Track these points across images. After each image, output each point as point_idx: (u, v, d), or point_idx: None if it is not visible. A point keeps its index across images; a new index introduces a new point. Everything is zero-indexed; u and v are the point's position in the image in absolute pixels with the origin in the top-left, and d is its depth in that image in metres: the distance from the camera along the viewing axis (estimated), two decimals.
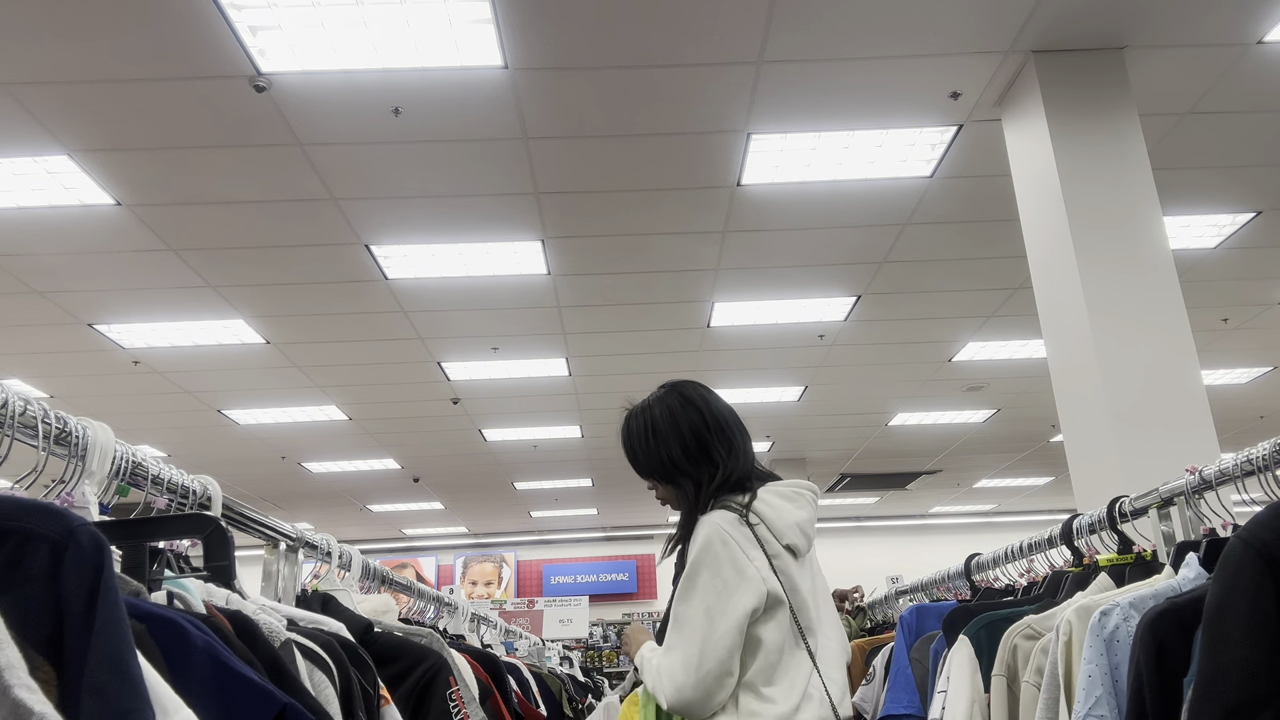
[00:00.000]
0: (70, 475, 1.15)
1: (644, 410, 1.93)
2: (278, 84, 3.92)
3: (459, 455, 10.22)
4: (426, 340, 6.95)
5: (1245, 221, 5.58)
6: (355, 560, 2.17)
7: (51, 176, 4.53)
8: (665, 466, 1.87)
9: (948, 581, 3.12)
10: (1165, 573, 1.65)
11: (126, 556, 1.12)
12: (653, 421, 1.89)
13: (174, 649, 0.90)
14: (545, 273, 5.89)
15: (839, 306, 6.62)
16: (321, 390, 7.94)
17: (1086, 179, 3.78)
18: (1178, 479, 1.79)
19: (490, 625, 3.85)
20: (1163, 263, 3.71)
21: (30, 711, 0.61)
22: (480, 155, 4.56)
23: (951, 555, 3.15)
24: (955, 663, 2.00)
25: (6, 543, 0.72)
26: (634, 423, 1.93)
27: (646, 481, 1.94)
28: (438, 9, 3.54)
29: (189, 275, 5.65)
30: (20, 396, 1.07)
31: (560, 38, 3.75)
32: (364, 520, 13.34)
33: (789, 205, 5.13)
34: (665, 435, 1.87)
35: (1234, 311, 7.03)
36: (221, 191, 4.76)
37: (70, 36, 3.60)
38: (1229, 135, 4.67)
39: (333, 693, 1.23)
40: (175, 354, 6.95)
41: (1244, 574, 1.14)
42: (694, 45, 3.84)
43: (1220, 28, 3.86)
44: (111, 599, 0.72)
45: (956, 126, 4.48)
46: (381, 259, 5.57)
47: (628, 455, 1.93)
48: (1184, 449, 3.31)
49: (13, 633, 0.65)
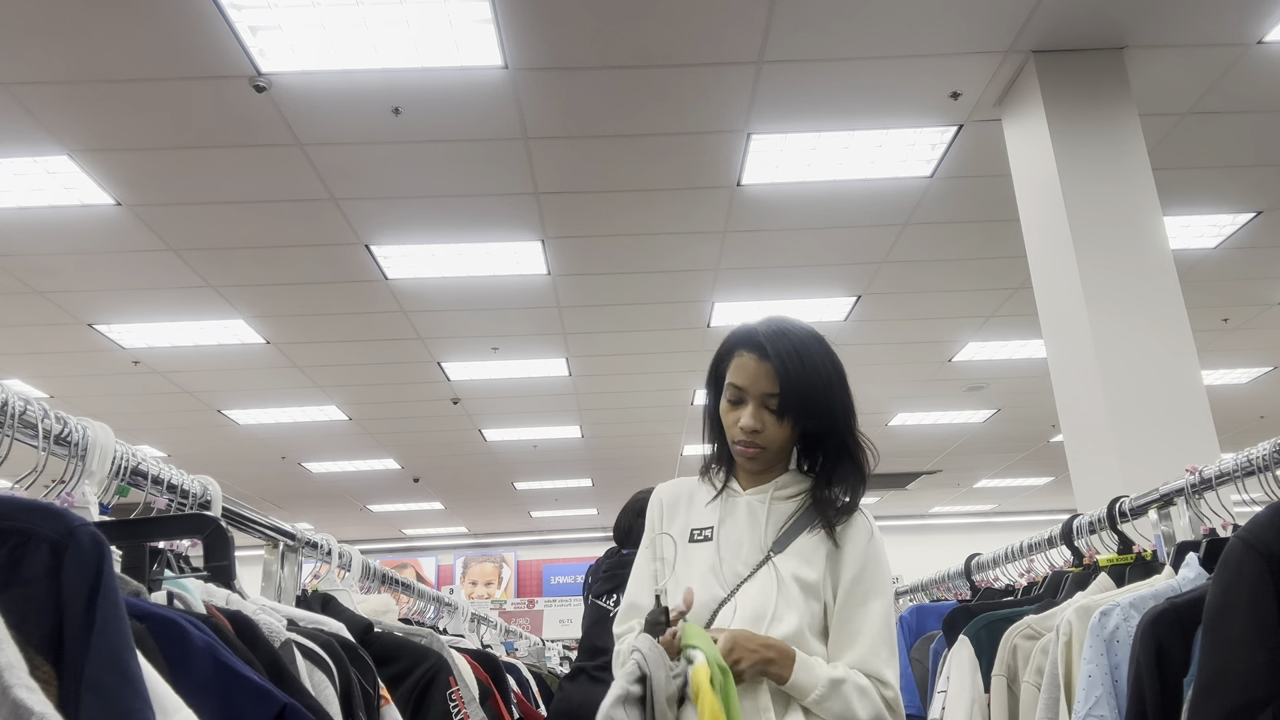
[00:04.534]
0: (70, 475, 1.15)
1: (822, 342, 1.63)
2: (278, 84, 3.92)
3: (459, 455, 10.22)
4: (426, 340, 6.95)
5: (1245, 221, 5.58)
6: (355, 560, 2.17)
7: (51, 176, 4.52)
8: (826, 412, 1.58)
9: (947, 581, 3.12)
10: (1165, 573, 1.65)
11: (126, 556, 1.12)
12: (835, 364, 1.62)
13: (174, 649, 0.90)
14: (545, 273, 5.88)
15: (839, 306, 6.62)
16: (321, 390, 7.94)
17: (1087, 179, 3.78)
18: (1178, 479, 1.79)
19: (490, 625, 3.85)
20: (1163, 263, 3.70)
21: (30, 711, 0.61)
22: (480, 155, 4.56)
23: (951, 555, 3.15)
24: (955, 663, 2.00)
25: (7, 543, 0.72)
26: (813, 344, 1.61)
27: (755, 411, 1.57)
28: (438, 9, 3.54)
29: (189, 275, 5.64)
30: (20, 396, 1.07)
31: (560, 38, 3.75)
32: (364, 520, 13.34)
33: (789, 205, 5.13)
34: (844, 385, 1.63)
35: (1234, 311, 7.03)
36: (221, 191, 4.76)
37: (70, 36, 3.60)
38: (1229, 135, 4.67)
39: (333, 693, 1.23)
40: (175, 354, 6.95)
41: (1244, 574, 1.14)
42: (694, 45, 3.84)
43: (1220, 28, 3.86)
44: (111, 599, 0.72)
45: (957, 126, 4.48)
46: (381, 259, 5.57)
47: (788, 365, 1.56)
48: (1184, 449, 3.31)
49: (13, 632, 0.65)
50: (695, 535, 1.62)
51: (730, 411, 1.62)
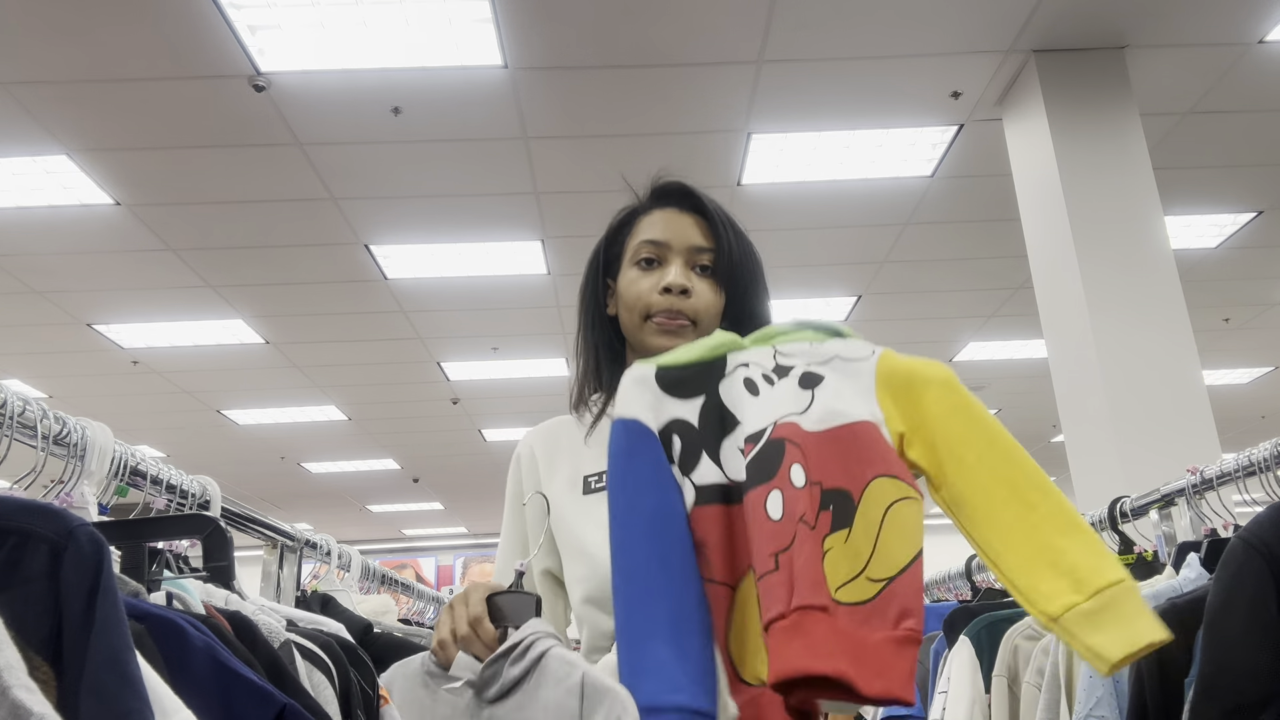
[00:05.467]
0: (69, 476, 1.15)
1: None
2: (277, 83, 3.92)
3: (459, 455, 10.22)
4: (426, 340, 6.95)
5: (1246, 221, 5.58)
6: (355, 561, 2.17)
7: (50, 176, 4.52)
8: (759, 290, 1.35)
9: (948, 582, 3.12)
10: (1166, 573, 1.65)
11: (125, 557, 1.12)
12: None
13: (173, 649, 0.89)
14: (545, 273, 5.88)
15: (839, 306, 6.62)
16: (321, 390, 7.93)
17: (1087, 179, 3.78)
18: (1179, 479, 1.79)
19: None
20: (1164, 262, 3.70)
21: (29, 712, 0.61)
22: (480, 155, 4.55)
23: (952, 556, 3.15)
24: (956, 663, 2.00)
25: (5, 543, 0.72)
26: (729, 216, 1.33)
27: (682, 270, 1.25)
28: (437, 8, 3.54)
29: (188, 275, 5.64)
30: (19, 396, 1.07)
31: (560, 38, 3.75)
32: (363, 521, 13.34)
33: (789, 205, 5.13)
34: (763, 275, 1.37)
35: (1235, 311, 7.03)
36: (221, 191, 4.76)
37: (69, 36, 3.60)
38: (1230, 135, 4.67)
39: (332, 694, 1.23)
40: (174, 354, 6.95)
41: (1245, 574, 1.14)
42: (694, 45, 3.83)
43: (1221, 27, 3.86)
44: (111, 599, 0.72)
45: (957, 126, 4.48)
46: (381, 259, 5.57)
47: (720, 218, 1.30)
48: (1185, 449, 3.30)
49: (12, 633, 0.65)
50: (591, 484, 1.24)
51: (643, 278, 1.26)
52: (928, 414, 1.01)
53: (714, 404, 1.04)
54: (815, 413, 1.00)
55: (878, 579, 0.91)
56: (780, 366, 1.06)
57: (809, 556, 0.89)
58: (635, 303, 1.26)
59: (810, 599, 0.87)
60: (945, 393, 1.03)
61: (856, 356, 1.06)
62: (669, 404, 1.05)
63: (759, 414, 1.01)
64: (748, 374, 1.06)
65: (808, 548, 0.90)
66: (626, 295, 1.28)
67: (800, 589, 0.87)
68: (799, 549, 0.89)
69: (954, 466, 0.99)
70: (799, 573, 0.88)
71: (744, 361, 1.07)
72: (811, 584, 0.88)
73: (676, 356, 1.09)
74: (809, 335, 1.09)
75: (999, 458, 0.98)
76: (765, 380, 1.05)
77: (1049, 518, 0.93)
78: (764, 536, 0.92)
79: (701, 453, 1.01)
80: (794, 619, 0.86)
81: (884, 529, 0.93)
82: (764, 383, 1.04)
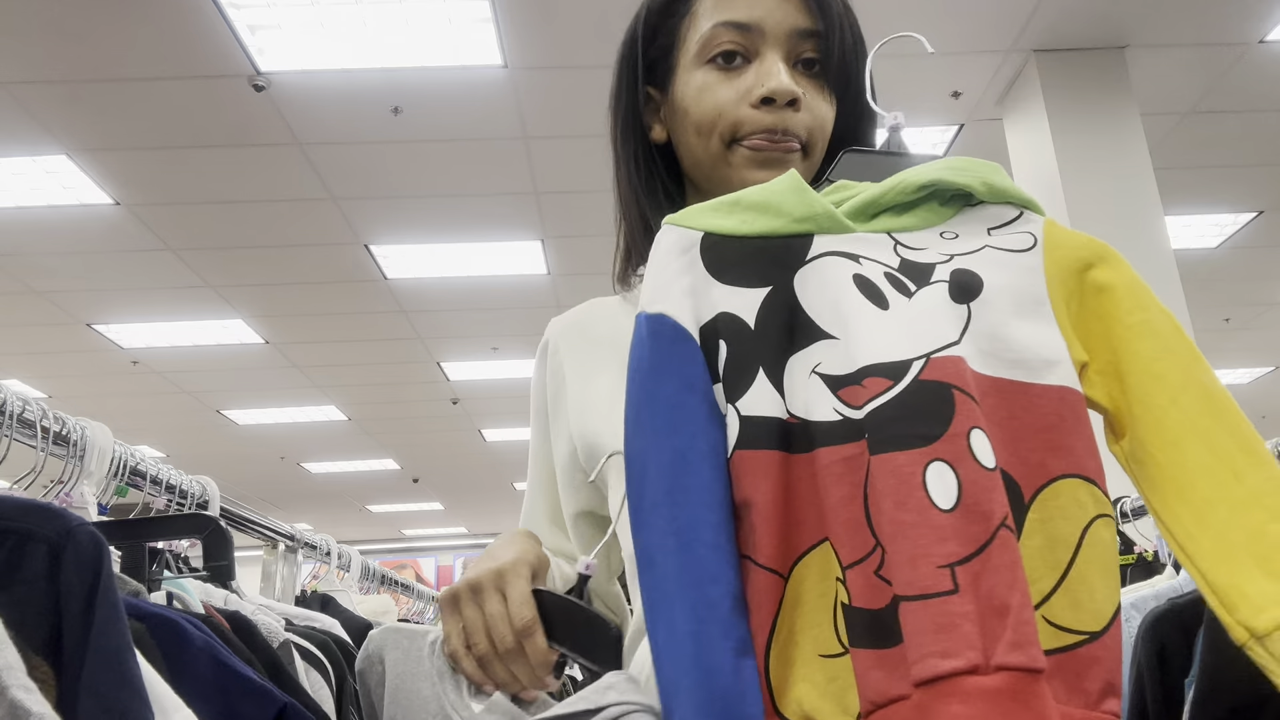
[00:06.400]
0: (69, 476, 1.15)
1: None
2: (277, 83, 3.92)
3: (459, 455, 10.22)
4: (426, 340, 6.95)
5: (1247, 221, 5.58)
6: (354, 561, 2.17)
7: (50, 176, 4.52)
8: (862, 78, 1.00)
9: None
10: (1167, 573, 1.65)
11: (125, 557, 1.12)
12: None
13: (173, 649, 0.89)
14: (545, 273, 5.88)
15: None
16: (321, 390, 7.93)
17: (1088, 178, 3.78)
18: None
19: None
20: (1164, 262, 3.70)
21: (28, 712, 0.61)
22: (480, 155, 4.55)
23: None
24: None
25: (5, 543, 0.72)
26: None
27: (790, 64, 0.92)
28: (437, 8, 3.54)
29: (188, 275, 5.64)
30: (19, 396, 1.07)
31: (560, 38, 3.75)
32: (363, 521, 13.34)
33: None
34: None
35: (1236, 311, 7.03)
36: (220, 191, 4.76)
37: (69, 36, 3.59)
38: (1230, 135, 4.67)
39: (328, 692, 1.23)
40: (174, 354, 6.95)
41: None
42: None
43: (1221, 27, 3.86)
44: (110, 599, 0.72)
45: (958, 126, 4.48)
46: (381, 259, 5.57)
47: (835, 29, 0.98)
48: None
49: (11, 633, 0.65)
50: None
51: (723, 82, 0.89)
52: (1116, 335, 0.71)
53: (784, 300, 0.69)
54: (976, 342, 0.67)
55: (1071, 629, 0.62)
56: (910, 264, 0.71)
57: (1013, 583, 0.59)
58: (714, 120, 0.88)
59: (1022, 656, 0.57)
60: (1133, 299, 0.73)
61: (1015, 246, 0.72)
62: (716, 291, 0.70)
63: (889, 338, 0.65)
64: (858, 270, 0.69)
65: (1011, 569, 0.59)
66: (697, 110, 0.89)
67: (1010, 634, 0.57)
68: (998, 567, 0.59)
69: (1141, 409, 0.69)
70: (1001, 606, 0.58)
71: (845, 250, 0.71)
72: (1022, 628, 0.58)
73: (737, 221, 0.73)
74: (934, 211, 0.75)
75: (1198, 402, 0.69)
76: (893, 284, 0.69)
77: (1262, 494, 0.65)
78: (923, 533, 0.59)
79: (758, 369, 0.67)
80: (1000, 682, 0.56)
81: (1080, 557, 0.64)
82: (891, 288, 0.69)
